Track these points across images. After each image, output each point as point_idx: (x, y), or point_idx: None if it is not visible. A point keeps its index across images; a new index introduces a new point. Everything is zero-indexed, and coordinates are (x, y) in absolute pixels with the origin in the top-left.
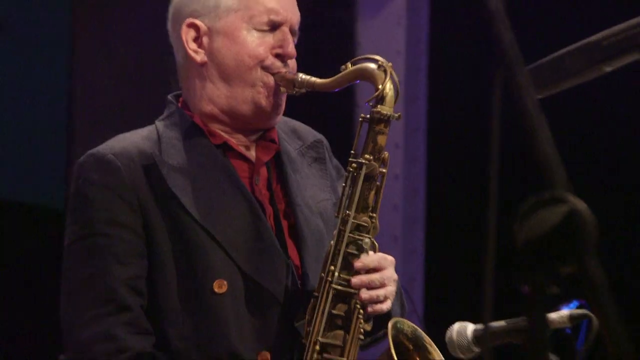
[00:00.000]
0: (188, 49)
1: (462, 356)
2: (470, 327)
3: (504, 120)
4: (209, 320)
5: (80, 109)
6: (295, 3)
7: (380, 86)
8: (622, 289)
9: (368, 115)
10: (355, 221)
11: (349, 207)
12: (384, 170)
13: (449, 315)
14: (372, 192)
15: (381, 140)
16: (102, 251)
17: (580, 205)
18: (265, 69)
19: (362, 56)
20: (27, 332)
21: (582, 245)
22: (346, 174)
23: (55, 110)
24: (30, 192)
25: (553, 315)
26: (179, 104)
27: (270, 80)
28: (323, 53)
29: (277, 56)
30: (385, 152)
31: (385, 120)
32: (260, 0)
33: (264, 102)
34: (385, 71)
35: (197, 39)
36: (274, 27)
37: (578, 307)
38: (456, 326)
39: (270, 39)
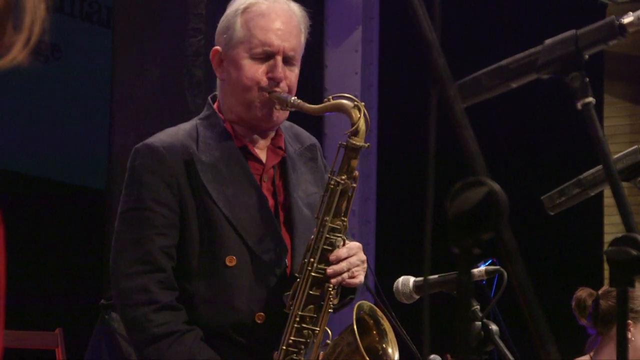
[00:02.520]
0: (215, 68)
1: (405, 302)
2: (411, 280)
3: (438, 122)
4: (220, 286)
5: (119, 112)
6: (294, 33)
7: (355, 122)
8: (526, 250)
9: (345, 143)
10: (331, 224)
11: (326, 214)
12: (354, 185)
13: (395, 271)
14: (345, 202)
15: (353, 163)
16: (146, 222)
17: (496, 186)
18: (261, 89)
19: (341, 94)
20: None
21: (498, 217)
22: (326, 187)
23: (100, 111)
24: (79, 175)
25: (474, 271)
26: (215, 105)
27: (265, 97)
28: (299, 74)
29: (270, 79)
30: (356, 172)
31: (358, 149)
32: (257, 35)
33: (259, 113)
34: (359, 109)
35: (220, 62)
36: (268, 56)
37: (491, 264)
38: (401, 279)
39: (264, 66)
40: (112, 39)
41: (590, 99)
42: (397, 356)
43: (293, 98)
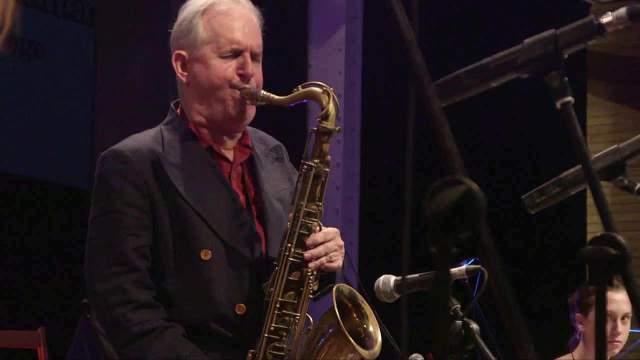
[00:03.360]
0: (177, 72)
1: (386, 300)
2: (392, 279)
3: (417, 121)
4: (197, 280)
5: (101, 110)
6: (256, 31)
7: (325, 106)
8: (509, 250)
9: (315, 128)
10: (306, 209)
11: (301, 199)
12: (327, 170)
13: (377, 270)
14: (319, 187)
15: (325, 147)
16: (118, 224)
17: (474, 186)
18: (233, 86)
19: (310, 82)
20: (54, 290)
21: (476, 216)
22: (299, 172)
23: (83, 111)
24: (61, 174)
25: (454, 270)
26: (178, 110)
27: (237, 94)
28: (283, 73)
29: (240, 76)
30: (328, 156)
31: (329, 132)
32: (224, 34)
33: (232, 111)
34: (328, 94)
35: (183, 65)
36: (236, 54)
37: (473, 263)
38: (382, 278)
39: (234, 63)
40: (95, 38)
41: (569, 98)
42: (379, 336)
43: (262, 92)
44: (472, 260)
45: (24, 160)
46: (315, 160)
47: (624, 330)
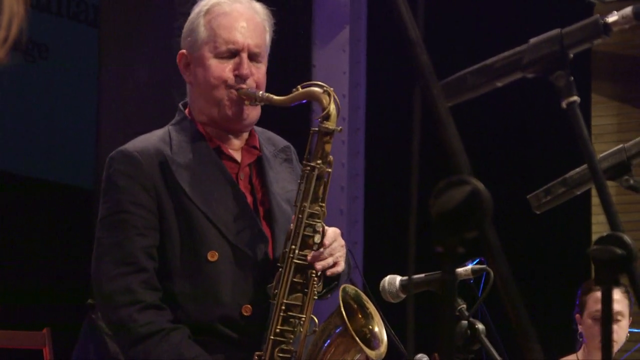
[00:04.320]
0: (182, 72)
1: (391, 301)
2: (398, 279)
3: (423, 121)
4: (203, 281)
5: (106, 111)
6: (257, 30)
7: (326, 106)
8: (514, 250)
9: (317, 129)
10: (310, 210)
11: (304, 200)
12: (329, 170)
13: (383, 270)
14: (321, 187)
15: (327, 147)
16: (126, 224)
17: (480, 185)
18: (229, 87)
19: (310, 82)
20: (59, 290)
21: (482, 216)
22: (302, 174)
23: (87, 112)
24: (66, 175)
25: (460, 270)
26: (187, 111)
27: (234, 95)
28: (287, 73)
29: (236, 76)
30: (330, 157)
31: (330, 132)
32: (221, 34)
33: (229, 112)
34: (329, 94)
35: (187, 65)
36: (233, 54)
37: (478, 263)
38: (387, 278)
39: (230, 64)
40: (99, 38)
41: (575, 98)
42: (385, 336)
43: (261, 92)
44: (477, 260)
45: (29, 161)
46: (318, 161)
47: (617, 329)
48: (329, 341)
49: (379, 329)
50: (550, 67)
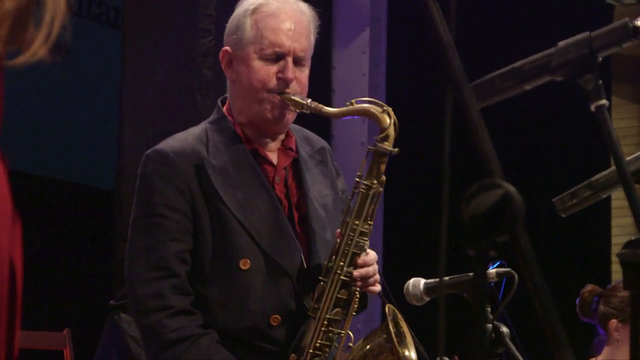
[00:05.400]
0: (224, 69)
1: (416, 304)
2: (422, 281)
3: (454, 124)
4: (234, 289)
5: (128, 112)
6: (304, 33)
7: (386, 128)
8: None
9: (374, 148)
10: (360, 229)
11: (357, 218)
12: (381, 189)
13: (402, 273)
14: (372, 206)
15: (382, 167)
16: (159, 228)
17: (512, 189)
18: (270, 90)
19: (365, 99)
20: (80, 291)
21: (513, 219)
22: (353, 191)
23: (109, 114)
24: (88, 176)
25: None
26: (225, 108)
27: (275, 99)
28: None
29: (279, 80)
30: (383, 176)
31: (387, 154)
32: (268, 36)
33: (268, 115)
34: (389, 115)
35: (229, 62)
36: (278, 57)
37: (500, 266)
38: (412, 281)
39: (274, 67)
40: (122, 40)
41: (604, 101)
42: (414, 357)
43: (309, 100)
44: (498, 262)
45: (51, 163)
46: (374, 182)
47: None
48: (374, 358)
49: (410, 351)
50: (579, 71)
